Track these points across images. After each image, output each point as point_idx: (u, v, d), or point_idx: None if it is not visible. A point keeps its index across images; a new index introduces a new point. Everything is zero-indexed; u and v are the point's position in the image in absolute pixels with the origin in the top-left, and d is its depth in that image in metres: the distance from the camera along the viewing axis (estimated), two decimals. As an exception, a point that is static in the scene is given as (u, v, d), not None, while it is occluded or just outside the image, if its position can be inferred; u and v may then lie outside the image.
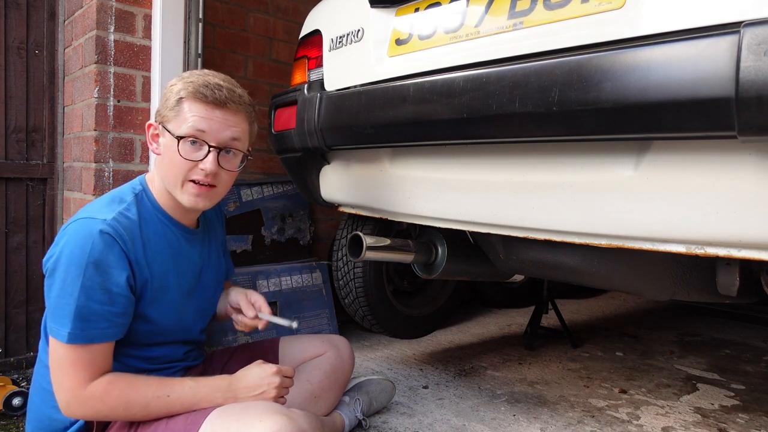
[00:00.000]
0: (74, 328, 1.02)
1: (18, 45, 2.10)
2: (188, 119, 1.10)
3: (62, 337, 1.02)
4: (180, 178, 1.13)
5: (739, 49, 0.77)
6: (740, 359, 2.38)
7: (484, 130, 1.17)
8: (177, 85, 1.13)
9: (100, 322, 1.05)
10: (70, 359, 1.04)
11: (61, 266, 1.04)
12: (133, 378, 1.08)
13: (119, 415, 1.07)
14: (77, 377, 1.04)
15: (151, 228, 1.16)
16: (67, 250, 1.04)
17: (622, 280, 1.47)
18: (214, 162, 1.12)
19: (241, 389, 1.12)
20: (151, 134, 1.18)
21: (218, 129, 1.12)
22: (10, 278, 2.09)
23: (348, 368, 1.50)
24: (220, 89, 1.12)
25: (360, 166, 1.68)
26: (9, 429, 1.65)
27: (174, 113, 1.12)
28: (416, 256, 1.76)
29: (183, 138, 1.10)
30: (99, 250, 1.04)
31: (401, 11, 1.49)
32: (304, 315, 2.27)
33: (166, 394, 1.07)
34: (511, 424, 1.65)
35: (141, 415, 1.07)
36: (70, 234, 1.06)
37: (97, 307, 1.04)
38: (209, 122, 1.11)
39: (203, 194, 1.14)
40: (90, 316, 1.03)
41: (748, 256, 0.94)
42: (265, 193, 2.53)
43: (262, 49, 2.72)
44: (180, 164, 1.11)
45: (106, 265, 1.05)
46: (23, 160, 2.13)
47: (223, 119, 1.13)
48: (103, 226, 1.05)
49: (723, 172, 0.92)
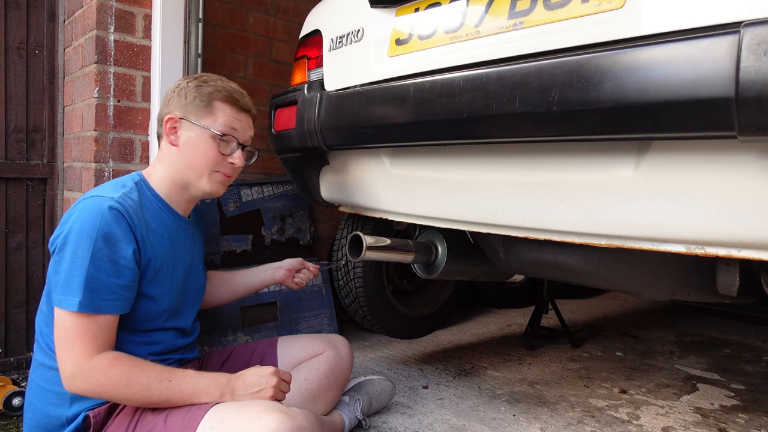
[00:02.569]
0: (84, 297, 1.06)
1: (18, 45, 2.10)
2: (223, 119, 1.26)
3: (72, 306, 1.05)
4: (210, 168, 1.26)
5: (739, 49, 0.77)
6: (740, 359, 2.38)
7: (484, 130, 1.17)
8: (205, 87, 1.27)
9: (108, 294, 1.09)
10: (77, 329, 1.06)
11: (72, 239, 1.08)
12: (138, 359, 1.10)
13: (119, 392, 1.07)
14: (83, 347, 1.06)
15: (151, 213, 1.23)
16: (78, 224, 1.09)
17: (622, 280, 1.47)
18: (242, 157, 1.30)
19: (239, 386, 1.13)
20: (169, 126, 1.27)
21: (245, 130, 1.32)
22: (10, 278, 2.09)
23: (347, 368, 1.50)
24: (245, 97, 1.32)
25: (360, 167, 1.68)
26: (9, 429, 1.65)
27: (206, 111, 1.25)
28: (416, 256, 1.76)
29: (223, 136, 1.26)
30: (108, 224, 1.10)
31: (401, 11, 1.49)
32: (304, 315, 2.27)
33: (168, 379, 1.08)
34: (511, 424, 1.65)
35: (140, 396, 1.08)
36: (80, 210, 1.11)
37: (105, 278, 1.08)
38: (240, 124, 1.30)
39: (225, 182, 1.31)
40: (98, 286, 1.07)
41: (748, 256, 0.94)
42: (265, 193, 2.53)
43: (262, 49, 2.72)
44: (213, 157, 1.26)
45: (115, 238, 1.10)
46: (23, 160, 2.13)
47: (247, 122, 1.33)
48: (111, 203, 1.12)
49: (723, 172, 0.92)
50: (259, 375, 1.15)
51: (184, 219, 1.34)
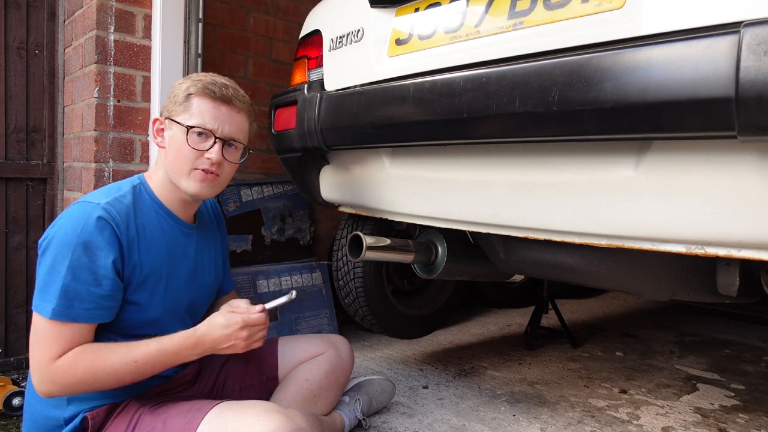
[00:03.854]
0: (58, 305, 1.04)
1: (18, 45, 2.10)
2: (197, 112, 1.19)
3: (46, 312, 1.04)
4: (187, 166, 1.19)
5: (739, 49, 0.77)
6: (740, 359, 2.38)
7: (484, 130, 1.17)
8: (185, 83, 1.22)
9: (85, 303, 1.07)
10: (49, 335, 1.05)
11: (53, 245, 1.07)
12: (99, 347, 1.08)
13: (90, 385, 1.07)
14: (50, 352, 1.05)
15: (147, 218, 1.20)
16: (61, 230, 1.08)
17: (622, 280, 1.47)
18: (219, 152, 1.20)
19: (208, 343, 1.13)
20: (156, 128, 1.25)
21: (224, 123, 1.21)
22: (10, 278, 2.09)
23: (347, 368, 1.50)
24: (226, 88, 1.22)
25: (360, 166, 1.68)
26: (9, 429, 1.65)
27: (183, 107, 1.20)
28: (416, 256, 1.76)
29: (192, 128, 1.18)
30: (89, 232, 1.08)
31: (401, 11, 1.49)
32: (304, 315, 2.27)
33: (133, 360, 1.07)
34: (511, 424, 1.65)
35: (112, 382, 1.07)
36: (66, 215, 1.10)
37: (82, 287, 1.06)
38: (216, 117, 1.20)
39: (207, 181, 1.21)
40: (75, 295, 1.05)
41: (748, 256, 0.94)
42: (265, 193, 2.53)
43: (262, 49, 2.72)
44: (188, 153, 1.18)
45: (95, 247, 1.08)
46: (23, 160, 2.13)
47: (228, 115, 1.22)
48: (97, 210, 1.10)
49: (723, 172, 0.92)
50: (227, 332, 1.13)
51: (186, 224, 1.28)
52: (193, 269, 1.30)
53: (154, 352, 1.08)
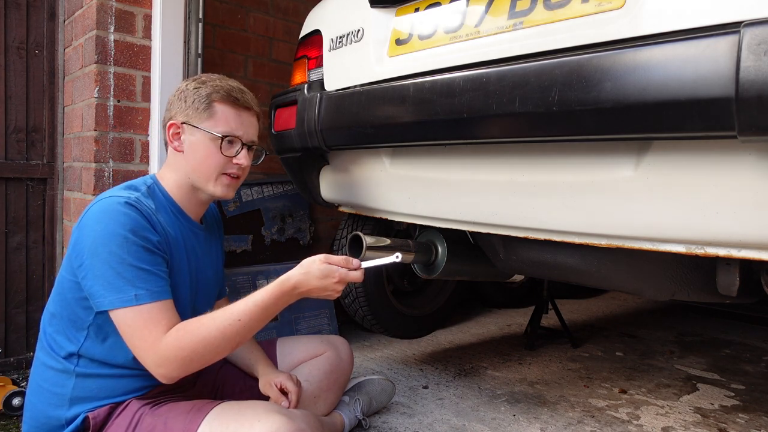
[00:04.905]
0: (138, 289, 1.06)
1: (18, 45, 2.10)
2: (223, 120, 1.23)
3: (129, 301, 1.05)
4: (216, 171, 1.24)
5: (739, 49, 0.77)
6: (740, 359, 2.38)
7: (484, 130, 1.17)
8: (203, 89, 1.23)
9: (158, 280, 1.09)
10: (142, 321, 1.06)
11: (101, 241, 1.07)
12: (197, 319, 1.09)
13: (203, 354, 1.07)
14: (152, 335, 1.05)
15: (164, 217, 1.21)
16: (101, 226, 1.08)
17: (622, 280, 1.47)
18: (248, 157, 1.27)
19: (303, 290, 1.15)
20: (172, 133, 1.25)
21: (247, 129, 1.27)
22: (10, 278, 2.08)
23: (347, 368, 1.50)
24: (244, 93, 1.27)
25: (360, 166, 1.68)
26: (9, 429, 1.65)
27: (206, 114, 1.22)
28: (416, 256, 1.76)
29: (225, 137, 1.22)
30: (132, 218, 1.10)
31: (401, 11, 1.49)
32: (304, 315, 2.27)
33: (236, 319, 1.08)
34: (511, 424, 1.65)
35: (223, 344, 1.07)
36: (98, 214, 1.11)
37: (148, 267, 1.09)
38: (242, 123, 1.25)
39: (233, 185, 1.28)
40: (146, 275, 1.08)
41: (748, 256, 0.94)
42: (265, 193, 2.53)
43: (262, 49, 2.72)
44: (219, 160, 1.23)
45: (142, 229, 1.10)
46: (23, 160, 2.13)
47: (249, 121, 1.28)
48: (127, 200, 1.12)
49: (723, 172, 0.92)
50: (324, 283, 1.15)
51: (196, 224, 1.31)
52: (202, 267, 1.32)
53: (253, 307, 1.09)
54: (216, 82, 1.25)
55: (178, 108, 1.24)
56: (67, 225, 2.13)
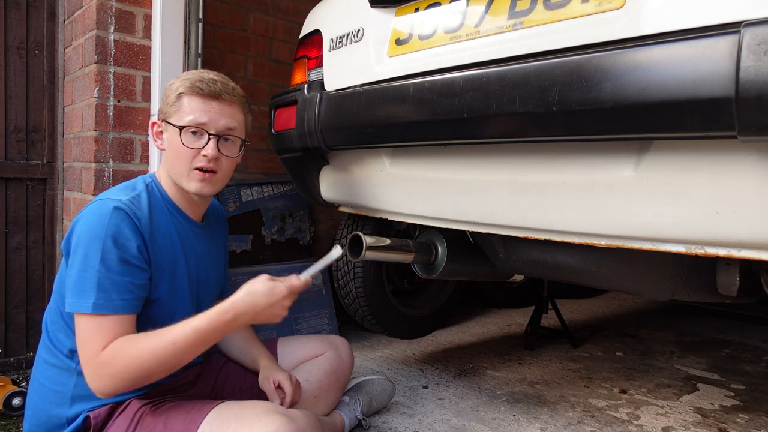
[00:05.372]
0: (98, 298, 1.05)
1: (18, 45, 2.10)
2: (188, 111, 1.19)
3: (87, 308, 1.05)
4: (186, 166, 1.20)
5: (739, 49, 0.77)
6: (740, 359, 2.38)
7: (484, 130, 1.17)
8: (175, 83, 1.22)
9: (122, 293, 1.07)
10: (93, 330, 1.05)
11: (82, 243, 1.08)
12: (136, 335, 1.07)
13: (135, 375, 1.04)
14: (95, 347, 1.05)
15: (161, 217, 1.21)
16: (86, 227, 1.09)
17: (622, 280, 1.47)
18: (214, 148, 1.21)
19: (249, 315, 1.10)
20: (155, 132, 1.26)
21: (216, 118, 1.21)
22: (10, 278, 2.09)
23: (347, 368, 1.50)
24: (214, 83, 1.22)
25: (360, 166, 1.68)
26: (9, 429, 1.65)
27: (175, 108, 1.21)
28: (416, 256, 1.76)
29: (185, 128, 1.19)
30: (115, 224, 1.09)
31: (401, 11, 1.49)
32: (304, 315, 2.27)
33: (171, 342, 1.04)
34: (511, 424, 1.65)
35: (155, 368, 1.04)
36: (88, 214, 1.11)
37: (117, 278, 1.07)
38: (207, 113, 1.20)
39: (207, 180, 1.22)
40: (112, 286, 1.06)
41: (748, 256, 0.94)
42: (265, 193, 2.53)
43: (262, 49, 2.72)
44: (184, 153, 1.19)
45: (124, 238, 1.10)
46: (23, 160, 2.13)
47: (220, 110, 1.22)
48: (119, 204, 1.12)
49: (723, 172, 0.92)
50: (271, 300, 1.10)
51: (196, 223, 1.30)
52: (202, 266, 1.32)
53: (190, 332, 1.05)
54: (189, 75, 1.22)
55: (161, 104, 1.25)
56: (67, 225, 2.13)
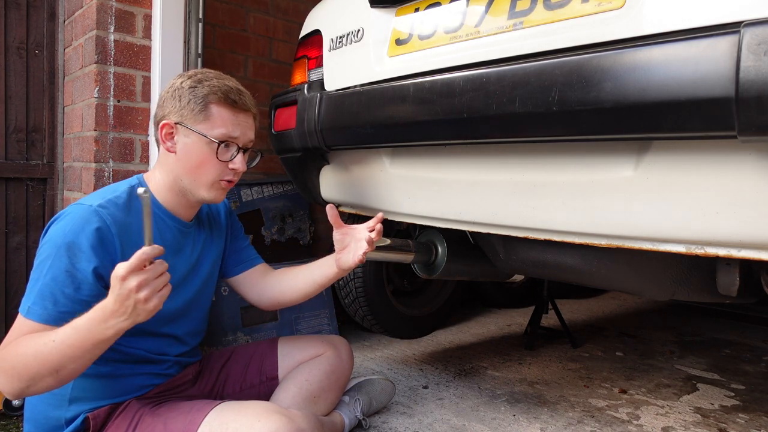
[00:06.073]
0: (34, 304, 1.02)
1: (18, 45, 2.10)
2: (220, 123, 1.18)
3: (22, 310, 1.03)
4: (212, 177, 1.20)
5: (739, 49, 0.77)
6: (740, 359, 2.38)
7: (484, 130, 1.17)
8: (200, 89, 1.17)
9: (60, 306, 1.02)
10: (15, 328, 1.03)
11: (44, 245, 1.07)
12: (30, 335, 1.01)
13: (21, 372, 0.97)
14: (4, 343, 1.03)
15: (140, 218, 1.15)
16: (52, 232, 1.08)
17: (622, 280, 1.47)
18: (243, 162, 1.23)
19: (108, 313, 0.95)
20: (164, 134, 1.20)
21: (245, 132, 1.23)
22: (9, 278, 2.09)
23: (347, 368, 1.50)
24: (241, 95, 1.21)
25: (360, 167, 1.68)
26: (9, 429, 1.65)
27: (202, 116, 1.18)
28: (416, 256, 1.76)
29: (222, 142, 1.18)
30: (75, 233, 1.05)
31: (401, 11, 1.49)
32: (303, 315, 2.26)
33: (51, 340, 0.96)
34: (511, 424, 1.65)
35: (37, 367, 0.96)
36: (61, 216, 1.10)
37: (59, 289, 1.02)
38: (239, 126, 1.21)
39: (227, 189, 1.25)
40: (51, 296, 1.02)
41: (748, 256, 0.94)
42: (265, 193, 2.53)
43: (262, 49, 2.72)
44: (213, 165, 1.19)
45: (78, 250, 1.05)
46: (23, 160, 2.13)
47: (246, 123, 1.23)
48: (88, 211, 1.08)
49: (723, 172, 0.92)
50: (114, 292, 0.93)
51: (184, 223, 1.28)
52: (192, 265, 1.30)
53: (70, 330, 0.97)
54: (213, 82, 1.19)
55: (172, 107, 1.19)
56: (67, 225, 2.13)
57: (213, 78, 1.20)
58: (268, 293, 1.44)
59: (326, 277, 1.39)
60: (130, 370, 1.18)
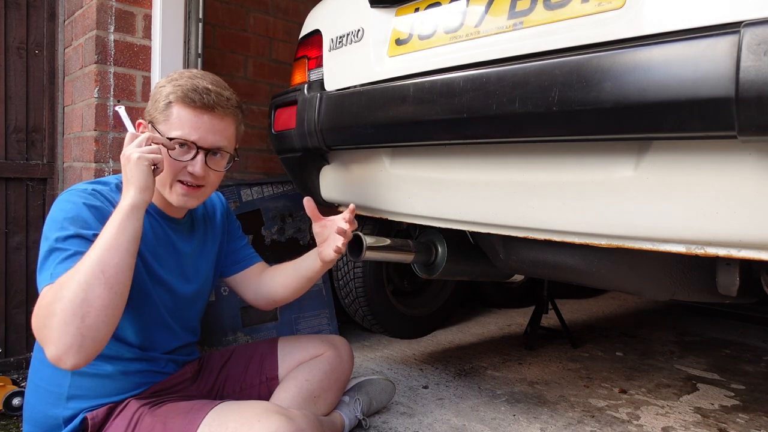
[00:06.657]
0: (56, 269, 0.99)
1: (18, 45, 2.10)
2: (177, 123, 1.14)
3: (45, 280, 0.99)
4: (169, 177, 1.17)
5: (739, 49, 0.77)
6: (740, 359, 2.38)
7: (484, 130, 1.17)
8: (166, 87, 1.16)
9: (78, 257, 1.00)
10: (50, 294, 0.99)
11: (46, 228, 1.07)
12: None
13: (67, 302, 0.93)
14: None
15: None
16: (50, 216, 1.08)
17: (622, 280, 1.47)
18: (202, 164, 1.16)
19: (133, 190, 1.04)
20: (141, 132, 1.20)
21: (205, 136, 1.16)
22: (10, 278, 2.09)
23: (347, 368, 1.50)
24: (208, 93, 1.15)
25: (360, 167, 1.68)
26: (9, 429, 1.65)
27: (164, 116, 1.15)
28: (416, 256, 1.76)
29: (172, 140, 1.14)
30: (76, 210, 1.08)
31: (401, 11, 1.48)
32: (303, 315, 2.26)
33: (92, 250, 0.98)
34: (511, 424, 1.65)
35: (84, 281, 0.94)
36: (55, 202, 1.11)
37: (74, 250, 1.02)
38: (198, 129, 1.15)
39: (191, 194, 1.19)
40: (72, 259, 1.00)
41: (748, 256, 0.94)
42: (265, 193, 2.53)
43: (262, 49, 2.72)
44: (169, 164, 1.15)
45: (82, 220, 1.07)
46: (23, 160, 2.13)
47: (211, 124, 1.16)
48: (81, 192, 1.11)
49: (723, 172, 0.92)
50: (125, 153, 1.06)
51: (174, 219, 1.27)
52: (182, 262, 1.29)
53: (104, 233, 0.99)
54: (182, 81, 1.15)
55: (149, 106, 1.20)
56: (67, 225, 2.13)
57: (187, 77, 1.17)
58: (263, 292, 1.46)
59: (313, 271, 1.40)
60: (125, 367, 1.18)
